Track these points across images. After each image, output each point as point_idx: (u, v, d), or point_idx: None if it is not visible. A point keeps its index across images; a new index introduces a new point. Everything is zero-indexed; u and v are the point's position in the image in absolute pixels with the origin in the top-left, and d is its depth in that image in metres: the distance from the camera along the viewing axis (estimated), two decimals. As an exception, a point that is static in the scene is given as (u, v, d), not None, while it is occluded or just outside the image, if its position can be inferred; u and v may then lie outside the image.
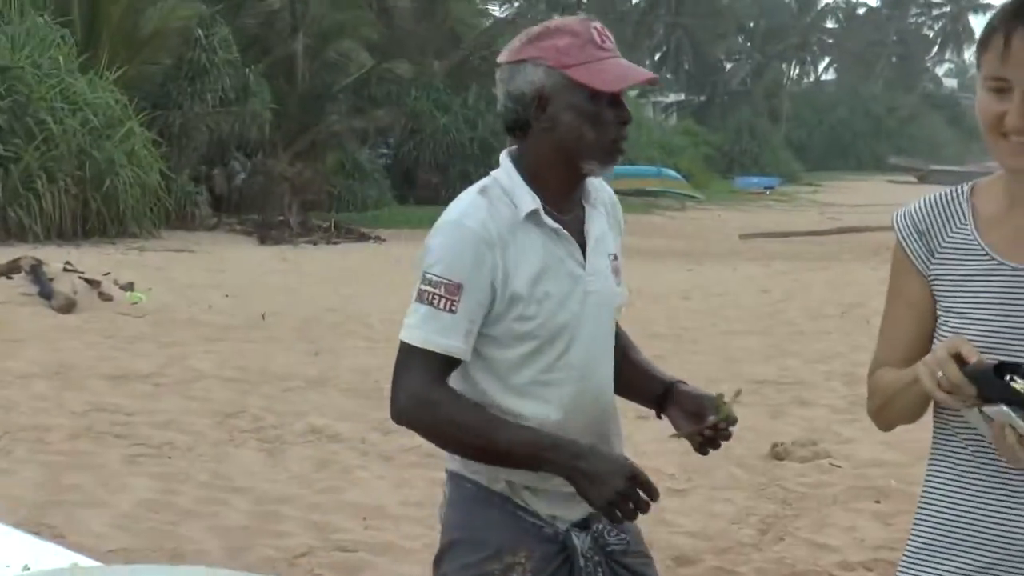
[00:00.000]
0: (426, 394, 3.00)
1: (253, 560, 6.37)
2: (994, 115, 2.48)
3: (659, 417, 3.42)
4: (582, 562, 3.08)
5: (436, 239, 3.08)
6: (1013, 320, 2.53)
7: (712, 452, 3.26)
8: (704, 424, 3.18)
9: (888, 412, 2.71)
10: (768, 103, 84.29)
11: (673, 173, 48.32)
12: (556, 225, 3.08)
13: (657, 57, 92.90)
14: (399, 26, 44.21)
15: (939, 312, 2.64)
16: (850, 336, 14.67)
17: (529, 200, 3.05)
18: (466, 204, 3.12)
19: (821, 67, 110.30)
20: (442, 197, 42.07)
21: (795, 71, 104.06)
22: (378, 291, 19.11)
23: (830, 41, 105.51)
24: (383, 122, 39.95)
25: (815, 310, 17.98)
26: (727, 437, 3.19)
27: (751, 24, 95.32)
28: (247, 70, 33.44)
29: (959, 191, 2.70)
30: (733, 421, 3.20)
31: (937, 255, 2.66)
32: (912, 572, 2.69)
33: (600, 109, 3.05)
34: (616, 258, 3.25)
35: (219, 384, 11.28)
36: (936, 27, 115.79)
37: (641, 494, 2.89)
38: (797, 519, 7.41)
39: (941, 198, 2.70)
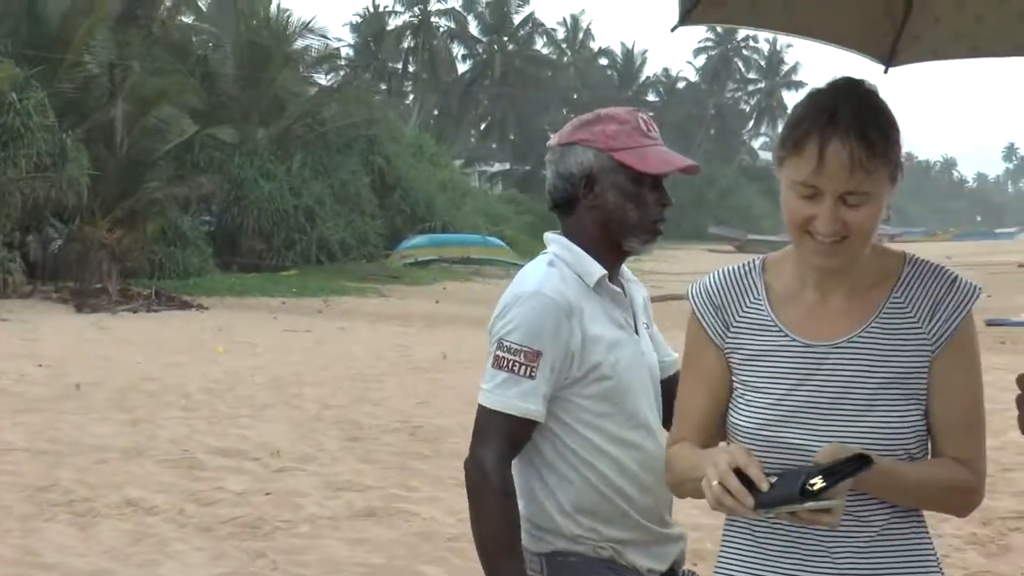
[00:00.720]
0: (500, 473, 3.09)
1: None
2: (803, 217, 2.54)
3: None
4: None
5: (514, 309, 3.18)
6: (804, 394, 2.62)
7: None
8: None
9: (682, 491, 2.78)
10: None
11: (497, 241, 48.61)
12: (617, 289, 3.30)
13: (482, 127, 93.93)
14: (223, 92, 44.01)
15: (735, 383, 2.72)
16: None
17: (597, 268, 3.23)
18: (541, 276, 3.23)
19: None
20: (265, 264, 41.99)
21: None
22: (198, 360, 18.78)
23: (651, 113, 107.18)
24: (206, 189, 39.45)
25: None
26: None
27: (574, 95, 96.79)
28: (64, 135, 32.71)
29: (752, 265, 2.81)
30: None
31: (732, 329, 2.75)
32: None
33: (642, 191, 3.23)
34: (648, 326, 3.44)
35: (28, 457, 10.86)
36: (752, 102, 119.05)
37: None
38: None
39: (735, 272, 2.80)
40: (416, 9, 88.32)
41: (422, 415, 12.81)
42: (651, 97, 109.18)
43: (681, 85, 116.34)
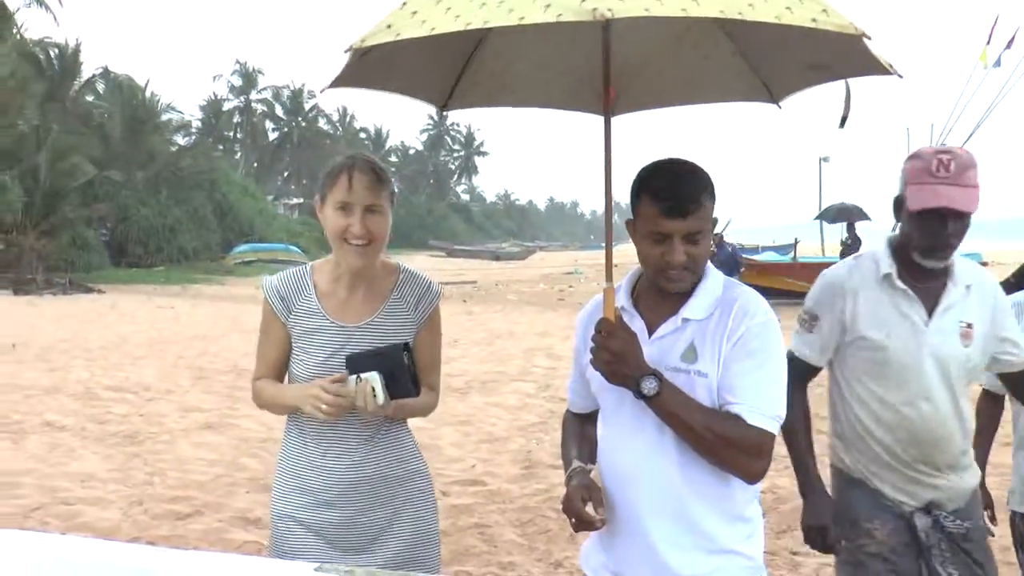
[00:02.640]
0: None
1: (-1, 516, 5.82)
2: (342, 227, 2.51)
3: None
4: (924, 537, 2.71)
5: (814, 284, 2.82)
6: (339, 359, 2.55)
7: None
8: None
9: (273, 410, 2.69)
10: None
11: (296, 248, 47.47)
12: (904, 287, 2.67)
13: (285, 175, 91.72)
14: (114, 147, 41.77)
15: (294, 348, 2.62)
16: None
17: (887, 264, 2.70)
18: (838, 265, 2.83)
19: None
20: (143, 263, 40.07)
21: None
22: (98, 327, 17.77)
23: (393, 169, 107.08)
24: (103, 212, 37.50)
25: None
26: None
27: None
28: (4, 175, 30.57)
29: (305, 271, 2.69)
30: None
31: (293, 312, 2.64)
32: (279, 503, 2.68)
33: (923, 221, 2.60)
34: (970, 326, 2.68)
35: (-22, 393, 10.21)
36: (456, 163, 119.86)
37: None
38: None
39: (294, 274, 2.69)
40: (242, 98, 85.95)
41: (246, 362, 12.54)
42: (393, 158, 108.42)
43: (412, 151, 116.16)
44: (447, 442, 7.98)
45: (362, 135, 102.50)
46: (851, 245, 21.77)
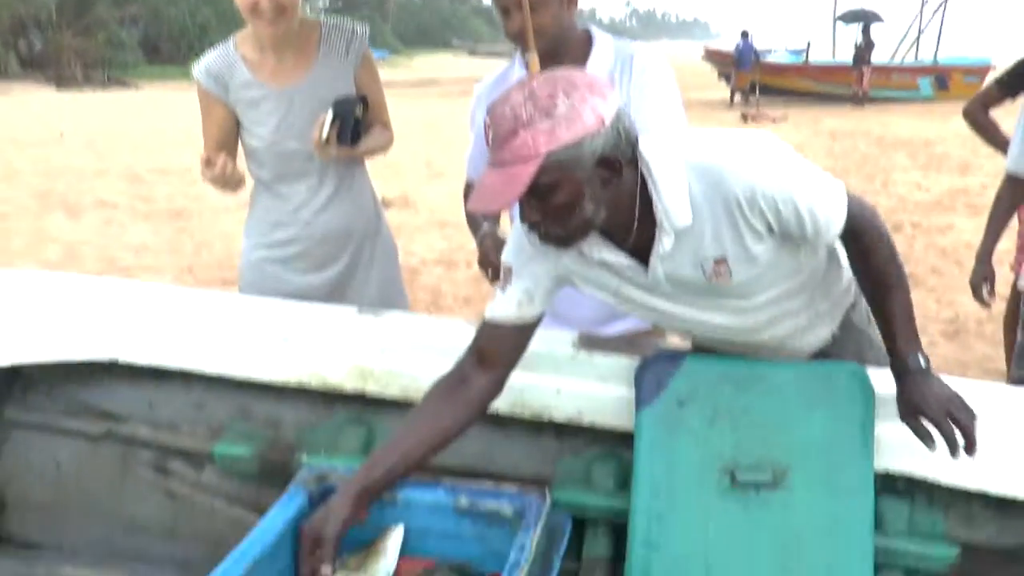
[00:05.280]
0: None
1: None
2: (251, 4, 2.35)
3: None
4: None
5: None
6: (289, 120, 2.47)
7: None
8: None
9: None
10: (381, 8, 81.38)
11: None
12: None
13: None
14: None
15: (243, 120, 2.51)
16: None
17: None
18: None
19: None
20: (177, 60, 39.36)
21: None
22: (138, 118, 17.67)
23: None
24: (135, 12, 36.55)
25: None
26: None
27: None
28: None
29: (228, 47, 2.51)
30: None
31: (230, 89, 2.49)
32: (249, 242, 2.66)
33: None
34: None
35: (31, 175, 10.30)
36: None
37: None
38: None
39: (220, 52, 2.50)
40: None
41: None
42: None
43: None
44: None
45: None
46: (865, 48, 21.07)
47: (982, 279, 3.00)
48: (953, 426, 1.57)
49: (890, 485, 1.80)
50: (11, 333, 2.18)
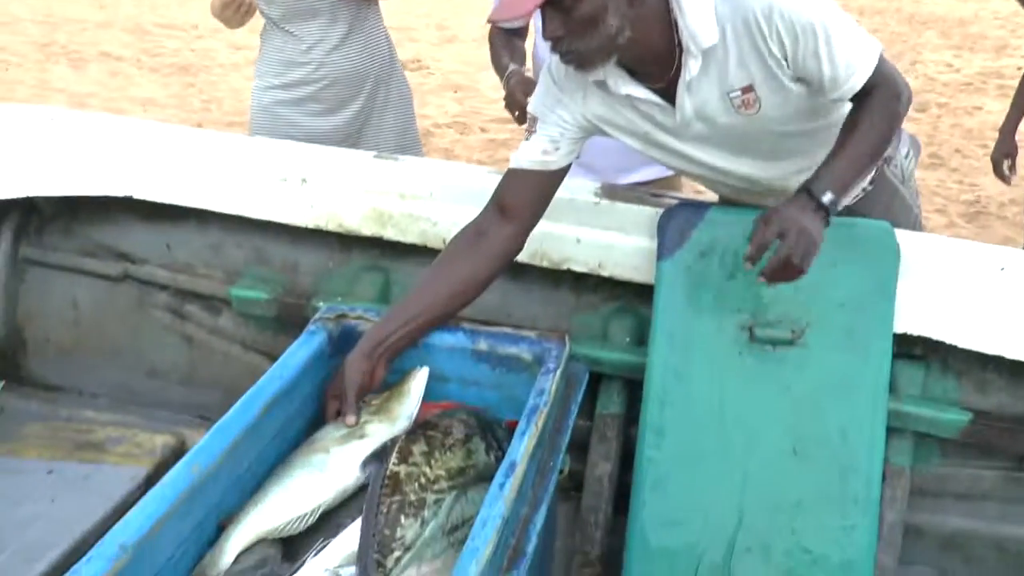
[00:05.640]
0: None
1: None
2: None
3: None
4: None
5: None
6: None
7: None
8: None
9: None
10: None
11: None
12: None
13: None
14: None
15: None
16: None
17: None
18: None
19: None
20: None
21: None
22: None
23: None
24: None
25: None
26: None
27: None
28: None
29: None
30: None
31: None
32: (261, 84, 2.65)
33: None
34: None
35: (32, 24, 9.98)
36: None
37: None
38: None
39: None
40: None
41: None
42: None
43: None
44: (486, 85, 7.94)
45: None
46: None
47: (1003, 155, 2.95)
48: (773, 245, 1.39)
49: (907, 349, 1.80)
50: (26, 166, 2.15)
